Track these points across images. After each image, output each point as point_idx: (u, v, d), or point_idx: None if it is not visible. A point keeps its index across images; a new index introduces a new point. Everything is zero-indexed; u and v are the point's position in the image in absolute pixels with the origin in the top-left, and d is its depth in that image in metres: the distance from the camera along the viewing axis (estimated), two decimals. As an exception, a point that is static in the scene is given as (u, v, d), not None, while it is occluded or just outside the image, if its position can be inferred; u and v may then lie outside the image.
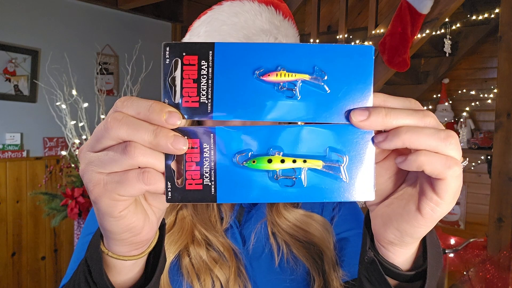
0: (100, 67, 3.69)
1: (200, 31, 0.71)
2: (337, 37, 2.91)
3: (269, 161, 0.35)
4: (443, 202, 0.35)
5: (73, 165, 2.70)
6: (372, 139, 0.36)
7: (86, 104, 2.73)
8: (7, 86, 3.19)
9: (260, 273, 0.70)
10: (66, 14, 3.49)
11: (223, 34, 0.68)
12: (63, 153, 2.80)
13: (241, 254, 0.70)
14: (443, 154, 0.34)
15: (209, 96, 0.35)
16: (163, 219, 0.45)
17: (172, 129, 0.34)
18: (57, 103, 2.74)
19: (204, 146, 0.35)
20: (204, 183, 0.35)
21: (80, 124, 2.70)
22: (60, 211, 2.57)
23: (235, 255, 0.69)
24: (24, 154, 3.28)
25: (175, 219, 0.71)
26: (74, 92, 2.73)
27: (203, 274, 0.65)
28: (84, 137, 2.72)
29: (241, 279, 0.67)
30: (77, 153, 2.72)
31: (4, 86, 3.17)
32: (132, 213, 0.37)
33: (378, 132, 0.36)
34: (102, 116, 2.82)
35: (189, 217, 0.71)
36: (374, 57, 0.35)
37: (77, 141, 2.72)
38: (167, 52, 0.34)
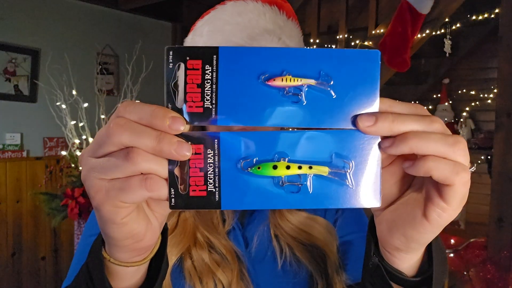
0: (100, 67, 3.68)
1: (203, 30, 0.70)
2: (337, 37, 2.91)
3: (275, 167, 0.34)
4: (450, 208, 0.35)
5: (73, 165, 2.70)
6: (379, 145, 0.35)
7: (86, 104, 2.73)
8: (7, 86, 3.19)
9: (262, 276, 0.69)
10: (66, 14, 3.49)
11: (226, 33, 0.66)
12: (63, 153, 2.80)
13: (243, 257, 0.69)
14: (451, 159, 0.34)
15: (213, 101, 0.34)
16: (165, 224, 0.45)
17: (176, 135, 0.33)
18: (57, 103, 2.74)
19: (208, 152, 0.34)
20: (208, 189, 0.34)
21: (80, 124, 2.70)
22: (60, 211, 2.57)
23: (237, 257, 0.68)
24: (24, 154, 3.28)
25: (177, 221, 0.70)
26: (74, 92, 2.73)
27: (205, 277, 0.65)
28: (84, 137, 2.72)
29: (243, 282, 0.66)
30: (77, 153, 2.72)
31: (4, 86, 3.17)
32: (134, 220, 0.37)
33: (385, 138, 0.35)
34: (102, 116, 2.82)
35: (191, 219, 0.70)
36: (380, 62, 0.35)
37: (77, 141, 2.71)
38: (171, 56, 0.34)
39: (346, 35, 2.86)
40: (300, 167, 0.34)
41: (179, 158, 0.33)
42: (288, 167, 0.34)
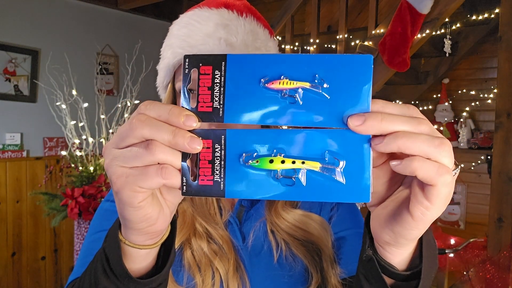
0: (100, 67, 3.69)
1: (162, 48, 0.74)
2: (337, 37, 2.91)
3: (271, 161, 0.38)
4: (433, 207, 0.37)
5: (73, 165, 2.70)
6: (370, 143, 0.37)
7: (86, 104, 2.73)
8: (7, 86, 3.19)
9: (259, 268, 0.71)
10: (66, 14, 3.49)
11: (173, 47, 0.71)
12: (63, 153, 2.80)
13: (240, 248, 0.72)
14: (436, 161, 0.35)
15: (221, 102, 0.38)
16: (175, 215, 0.49)
17: (189, 131, 0.38)
18: (57, 103, 2.74)
19: (215, 146, 0.39)
20: (215, 179, 0.39)
21: (80, 124, 2.70)
22: (60, 211, 2.58)
23: (233, 247, 0.71)
24: (24, 154, 3.28)
25: (177, 212, 0.72)
26: (74, 92, 2.73)
27: (204, 266, 0.68)
28: (84, 137, 2.72)
29: (238, 273, 0.69)
30: (77, 153, 2.71)
31: (4, 86, 3.18)
32: (149, 204, 0.41)
33: (376, 137, 0.37)
34: (102, 116, 2.82)
35: (189, 209, 0.74)
36: (373, 66, 0.37)
37: (77, 141, 2.72)
38: (187, 63, 0.39)
39: (346, 35, 2.86)
40: (293, 162, 0.38)
41: (191, 150, 0.38)
42: (283, 162, 0.38)
